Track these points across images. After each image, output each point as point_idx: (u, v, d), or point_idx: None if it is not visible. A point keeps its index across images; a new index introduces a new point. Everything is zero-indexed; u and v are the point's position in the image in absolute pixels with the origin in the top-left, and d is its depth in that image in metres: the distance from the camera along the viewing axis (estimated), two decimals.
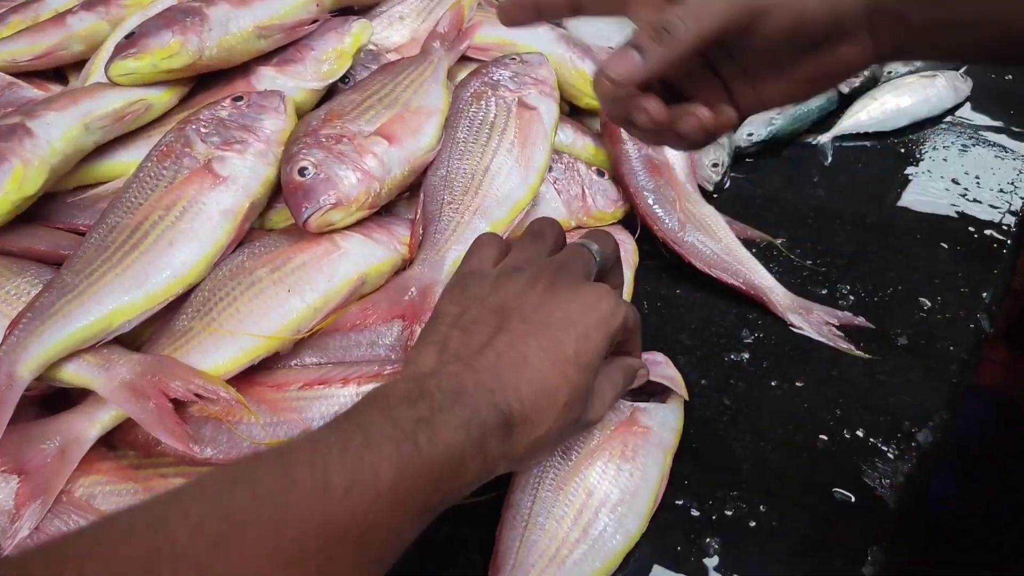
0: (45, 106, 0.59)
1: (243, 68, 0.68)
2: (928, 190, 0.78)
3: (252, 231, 0.59)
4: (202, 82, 0.69)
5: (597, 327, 0.39)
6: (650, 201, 0.68)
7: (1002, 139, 0.85)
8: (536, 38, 0.78)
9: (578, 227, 0.68)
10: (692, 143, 0.43)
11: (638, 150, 0.70)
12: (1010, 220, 0.73)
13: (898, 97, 0.86)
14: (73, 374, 0.49)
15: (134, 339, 0.53)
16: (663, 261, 0.67)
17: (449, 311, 0.41)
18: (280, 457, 0.32)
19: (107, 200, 0.59)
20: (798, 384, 0.57)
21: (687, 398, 0.53)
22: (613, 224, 0.69)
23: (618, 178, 0.70)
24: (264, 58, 0.69)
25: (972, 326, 0.62)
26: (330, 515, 0.30)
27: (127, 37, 0.64)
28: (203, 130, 0.59)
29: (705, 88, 0.42)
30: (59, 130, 0.57)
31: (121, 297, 0.51)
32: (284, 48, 0.69)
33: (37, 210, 0.59)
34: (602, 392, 0.41)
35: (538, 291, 0.40)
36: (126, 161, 0.63)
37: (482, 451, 0.35)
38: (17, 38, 0.74)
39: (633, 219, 0.69)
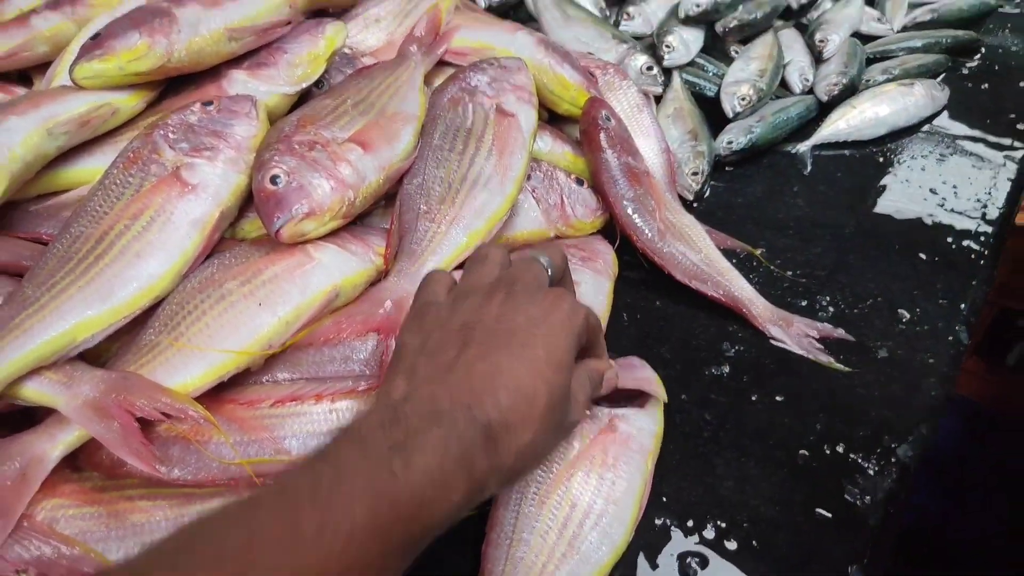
0: (5, 110, 0.57)
1: (213, 71, 0.66)
2: (906, 200, 0.78)
3: (223, 241, 0.57)
4: (171, 86, 0.67)
5: (562, 326, 0.40)
6: (630, 211, 0.67)
7: (979, 148, 0.85)
8: (514, 43, 0.77)
9: (557, 237, 0.67)
10: None
11: (617, 158, 0.69)
12: (986, 230, 0.73)
13: (876, 106, 0.86)
14: (34, 391, 0.47)
15: (99, 355, 0.51)
16: (643, 272, 0.66)
17: (411, 342, 0.41)
18: (247, 509, 0.31)
19: (71, 209, 0.57)
20: (779, 398, 0.56)
21: (665, 399, 0.53)
22: (593, 234, 0.68)
23: (598, 187, 0.69)
24: (235, 61, 0.67)
25: (951, 338, 0.62)
26: (301, 562, 0.29)
27: (93, 38, 0.62)
28: (171, 136, 0.58)
29: None
30: (20, 135, 0.55)
31: (84, 311, 0.49)
32: (256, 51, 0.68)
33: None
34: (575, 395, 0.41)
35: (496, 303, 0.41)
36: (91, 168, 0.61)
37: (467, 468, 0.34)
38: None
39: (613, 229, 0.68)
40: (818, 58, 0.95)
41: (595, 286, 0.62)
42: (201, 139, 0.58)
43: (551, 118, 0.78)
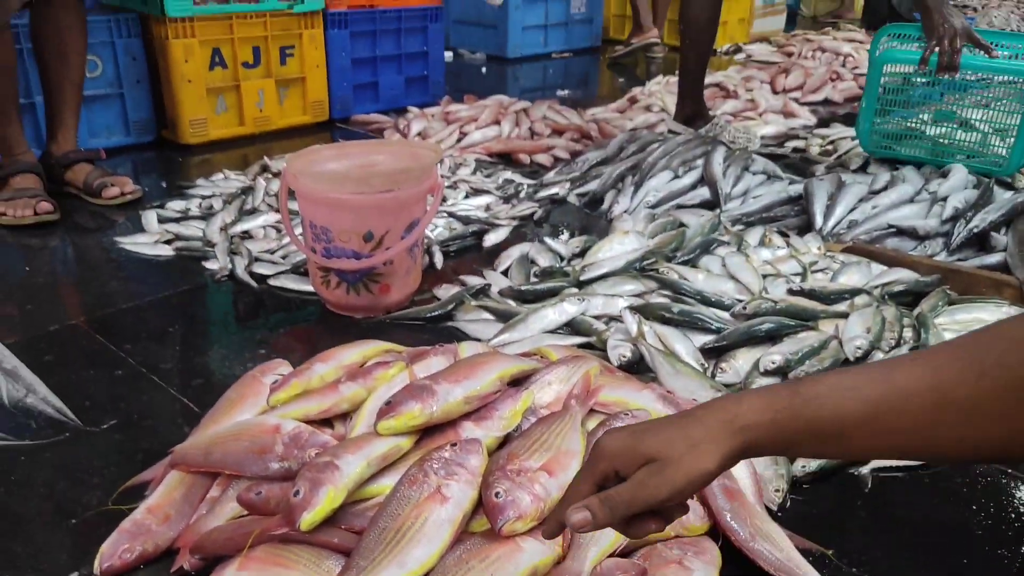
0: (343, 450, 0.98)
1: (453, 421, 1.06)
2: (951, 515, 1.02)
3: (464, 533, 0.91)
4: (426, 430, 1.07)
5: None
6: (728, 518, 0.96)
7: (1008, 476, 1.09)
8: (641, 398, 1.14)
9: (676, 536, 0.96)
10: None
11: (717, 481, 1.00)
12: (1015, 548, 0.96)
13: None
14: None
15: None
16: (741, 566, 0.93)
17: None
18: None
19: (371, 510, 0.94)
20: None
21: None
22: (702, 534, 0.97)
23: (703, 500, 0.99)
24: (466, 415, 1.07)
25: None
26: None
27: (386, 404, 1.04)
28: (435, 466, 0.95)
29: None
30: (354, 468, 0.95)
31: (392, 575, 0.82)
32: (479, 408, 1.08)
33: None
34: None
35: None
36: (383, 485, 0.98)
37: None
38: (307, 399, 1.16)
39: (716, 531, 0.97)
40: None
41: (705, 572, 0.89)
42: (451, 468, 0.95)
43: None
